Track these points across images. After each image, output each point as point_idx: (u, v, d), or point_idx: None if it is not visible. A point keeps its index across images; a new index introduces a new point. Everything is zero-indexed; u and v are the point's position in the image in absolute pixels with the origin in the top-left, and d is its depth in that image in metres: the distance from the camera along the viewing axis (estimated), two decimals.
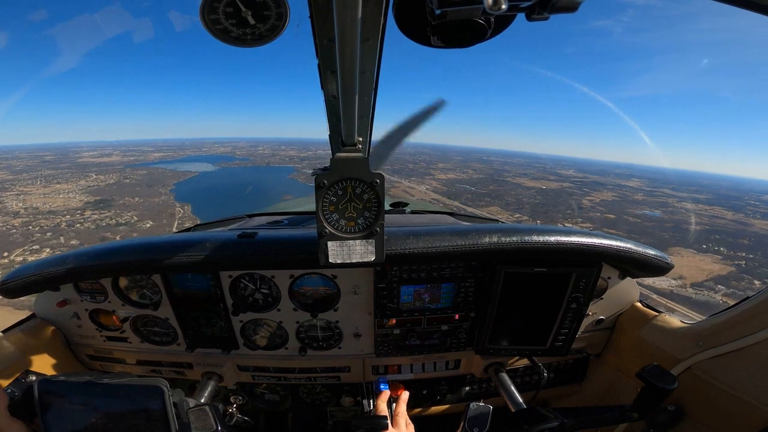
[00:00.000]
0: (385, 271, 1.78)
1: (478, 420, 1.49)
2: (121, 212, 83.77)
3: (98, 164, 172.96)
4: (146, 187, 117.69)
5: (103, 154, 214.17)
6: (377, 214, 1.31)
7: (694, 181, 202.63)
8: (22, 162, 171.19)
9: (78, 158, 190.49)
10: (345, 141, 1.16)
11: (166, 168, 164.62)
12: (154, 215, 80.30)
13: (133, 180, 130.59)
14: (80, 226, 72.66)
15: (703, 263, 67.36)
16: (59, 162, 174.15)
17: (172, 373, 2.12)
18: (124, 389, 1.16)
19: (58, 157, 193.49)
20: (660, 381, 1.51)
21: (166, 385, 1.16)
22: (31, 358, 1.82)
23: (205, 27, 0.65)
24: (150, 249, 1.63)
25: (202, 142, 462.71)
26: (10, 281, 1.72)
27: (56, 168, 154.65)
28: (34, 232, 68.63)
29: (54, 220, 76.87)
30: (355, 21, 0.57)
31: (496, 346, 1.95)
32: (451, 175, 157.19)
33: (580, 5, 0.54)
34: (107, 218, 78.25)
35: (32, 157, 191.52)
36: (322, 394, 2.35)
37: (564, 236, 1.68)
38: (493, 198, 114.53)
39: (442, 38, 0.69)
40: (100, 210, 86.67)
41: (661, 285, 49.61)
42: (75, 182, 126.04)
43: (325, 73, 0.90)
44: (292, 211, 2.97)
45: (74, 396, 1.15)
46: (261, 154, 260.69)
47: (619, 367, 2.14)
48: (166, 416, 1.15)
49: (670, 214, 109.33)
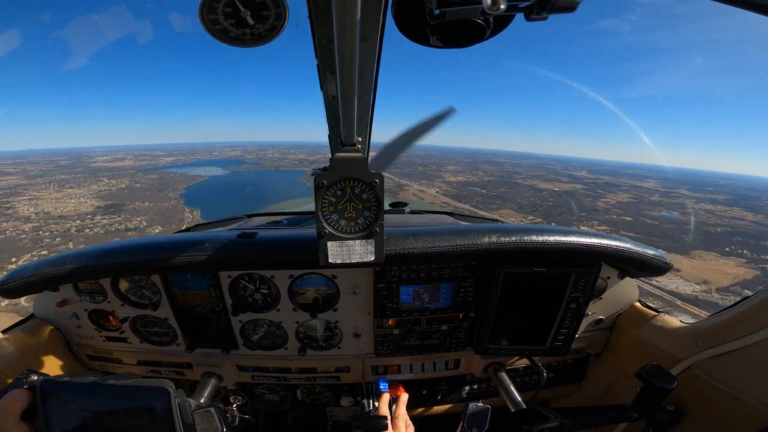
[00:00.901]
0: (384, 271, 1.78)
1: (477, 420, 1.49)
2: (130, 217, 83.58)
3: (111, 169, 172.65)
4: (156, 191, 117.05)
5: (116, 159, 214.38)
6: (377, 214, 1.31)
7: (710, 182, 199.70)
8: (37, 167, 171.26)
9: (92, 163, 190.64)
10: (344, 141, 1.16)
11: (176, 172, 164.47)
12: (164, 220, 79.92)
13: (144, 184, 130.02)
14: (89, 231, 72.59)
15: (727, 267, 65.07)
16: (73, 166, 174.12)
17: (171, 373, 2.12)
18: (130, 390, 1.15)
19: (72, 162, 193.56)
20: (659, 381, 1.51)
21: (172, 386, 1.16)
22: (30, 359, 1.81)
23: (204, 27, 0.65)
24: (149, 249, 1.63)
25: (213, 147, 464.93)
26: (9, 281, 1.72)
27: (70, 172, 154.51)
28: (44, 237, 68.72)
29: (64, 224, 76.77)
30: (354, 21, 0.57)
31: (495, 346, 1.95)
32: (461, 178, 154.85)
33: (578, 5, 0.54)
34: (116, 223, 78.27)
35: (47, 162, 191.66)
36: (321, 394, 2.35)
37: (563, 236, 1.68)
38: (505, 201, 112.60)
39: (441, 38, 0.69)
40: (110, 215, 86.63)
41: (685, 290, 47.88)
42: (87, 186, 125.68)
43: (324, 73, 0.90)
44: (292, 212, 2.96)
45: (78, 397, 1.14)
46: (270, 157, 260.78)
47: (618, 367, 2.14)
48: (171, 418, 1.15)
49: (689, 216, 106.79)
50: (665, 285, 45.87)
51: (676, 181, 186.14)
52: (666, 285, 45.91)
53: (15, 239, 67.19)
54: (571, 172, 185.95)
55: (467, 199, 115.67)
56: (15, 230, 72.95)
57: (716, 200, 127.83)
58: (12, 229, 73.33)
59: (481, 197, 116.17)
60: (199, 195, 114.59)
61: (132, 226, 75.73)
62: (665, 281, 47.47)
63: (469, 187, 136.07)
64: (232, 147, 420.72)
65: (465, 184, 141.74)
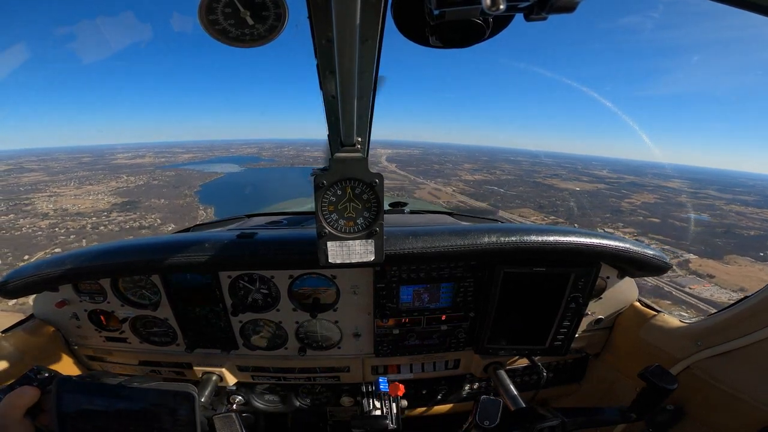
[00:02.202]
0: (384, 271, 1.78)
1: (488, 412, 1.49)
2: (146, 214, 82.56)
3: (131, 166, 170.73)
4: (173, 188, 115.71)
5: (137, 156, 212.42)
6: (376, 214, 1.31)
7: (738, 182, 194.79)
8: (60, 163, 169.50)
9: (113, 160, 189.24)
10: (344, 141, 1.16)
11: (193, 169, 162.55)
12: (177, 218, 78.53)
13: (161, 181, 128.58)
14: (104, 229, 71.69)
15: (763, 273, 61.40)
16: (95, 163, 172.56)
17: (171, 373, 2.12)
18: (154, 393, 1.14)
19: (94, 159, 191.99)
20: (661, 381, 1.51)
21: (196, 391, 1.15)
22: (30, 359, 1.81)
23: (203, 27, 0.65)
24: (149, 249, 1.63)
25: (231, 144, 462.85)
26: (9, 282, 1.72)
27: (91, 169, 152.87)
28: (59, 234, 67.97)
29: (80, 222, 75.87)
30: (354, 21, 0.57)
31: (495, 345, 1.95)
32: (479, 176, 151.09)
33: (578, 5, 0.54)
34: (131, 221, 77.21)
35: (70, 159, 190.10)
36: (321, 394, 2.35)
37: (563, 236, 1.68)
38: (524, 200, 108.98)
39: (440, 38, 0.69)
40: (126, 212, 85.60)
41: (720, 298, 44.32)
42: (106, 183, 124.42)
43: (324, 73, 0.90)
44: (292, 211, 2.97)
45: (97, 398, 1.13)
46: (286, 155, 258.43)
47: (618, 367, 2.14)
48: (194, 422, 1.14)
49: (719, 218, 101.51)
50: (699, 292, 43.30)
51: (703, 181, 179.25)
52: (700, 292, 43.33)
53: (30, 236, 66.52)
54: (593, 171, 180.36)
55: (485, 197, 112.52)
56: (32, 227, 72.14)
57: (747, 202, 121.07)
58: (29, 226, 72.55)
59: (500, 196, 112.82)
60: (214, 192, 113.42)
61: (146, 224, 74.77)
62: (699, 288, 45.13)
63: (487, 186, 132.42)
64: (248, 144, 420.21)
65: (482, 183, 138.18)
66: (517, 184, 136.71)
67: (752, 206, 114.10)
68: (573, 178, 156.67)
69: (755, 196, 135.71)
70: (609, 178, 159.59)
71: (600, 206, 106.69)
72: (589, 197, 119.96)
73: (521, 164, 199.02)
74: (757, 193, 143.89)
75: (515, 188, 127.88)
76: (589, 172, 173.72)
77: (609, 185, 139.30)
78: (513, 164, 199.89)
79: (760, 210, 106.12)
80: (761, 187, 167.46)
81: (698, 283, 48.33)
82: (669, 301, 37.46)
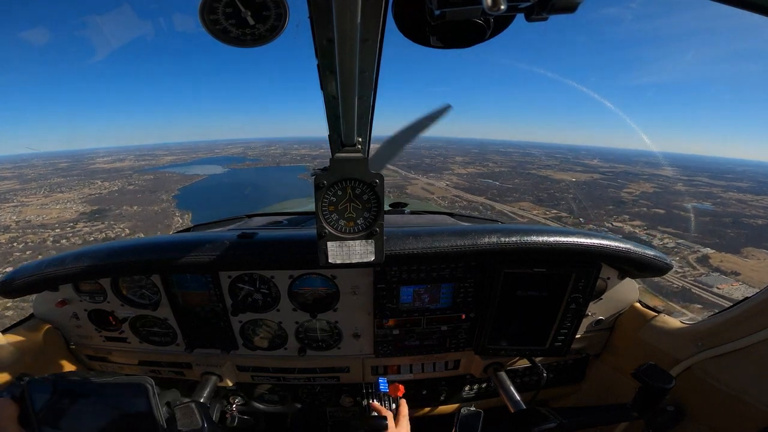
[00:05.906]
0: (384, 271, 1.78)
1: (469, 425, 1.48)
2: (114, 224, 77.92)
3: (108, 170, 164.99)
4: (149, 193, 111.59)
5: (117, 159, 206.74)
6: (377, 215, 1.31)
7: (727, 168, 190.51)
8: (35, 170, 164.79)
9: (91, 165, 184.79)
10: (344, 141, 1.16)
11: (174, 172, 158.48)
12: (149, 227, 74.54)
13: (137, 186, 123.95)
14: (66, 242, 65.80)
15: None
16: (71, 169, 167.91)
17: (171, 373, 2.12)
18: (110, 388, 1.19)
19: (71, 164, 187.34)
20: (656, 380, 1.51)
21: (151, 382, 1.19)
22: (30, 359, 1.81)
23: (204, 27, 0.64)
24: (149, 249, 1.63)
25: (216, 144, 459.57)
26: (9, 281, 1.72)
27: (66, 175, 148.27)
28: (15, 250, 60.52)
29: (42, 234, 70.17)
30: (355, 21, 0.57)
31: (495, 346, 1.95)
32: (471, 169, 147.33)
33: (578, 6, 0.54)
34: (97, 231, 72.25)
35: (47, 165, 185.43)
36: (321, 394, 2.35)
37: (563, 236, 1.68)
38: (522, 193, 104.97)
39: (441, 39, 0.69)
40: (92, 222, 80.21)
41: None
42: (78, 190, 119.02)
43: (324, 73, 0.90)
44: (292, 212, 2.97)
45: (63, 396, 1.17)
46: (273, 153, 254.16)
47: (618, 368, 2.14)
48: (152, 413, 1.17)
49: (722, 207, 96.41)
50: (730, 293, 38.71)
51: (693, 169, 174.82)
52: (731, 293, 38.60)
53: None
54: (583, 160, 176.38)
55: (481, 191, 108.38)
56: None
57: (741, 188, 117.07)
58: None
59: (496, 189, 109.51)
60: (194, 196, 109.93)
61: (113, 234, 69.66)
62: (728, 288, 40.86)
63: (481, 179, 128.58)
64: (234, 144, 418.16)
65: (476, 176, 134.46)
66: (512, 176, 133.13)
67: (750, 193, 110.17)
68: (566, 168, 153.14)
69: (748, 182, 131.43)
70: (601, 167, 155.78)
71: (600, 198, 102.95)
72: (587, 188, 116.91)
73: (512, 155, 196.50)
74: (749, 179, 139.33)
75: (510, 180, 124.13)
76: (580, 162, 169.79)
77: (603, 174, 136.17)
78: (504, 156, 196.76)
79: (758, 197, 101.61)
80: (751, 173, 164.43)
81: (725, 282, 43.89)
82: (700, 305, 33.40)
